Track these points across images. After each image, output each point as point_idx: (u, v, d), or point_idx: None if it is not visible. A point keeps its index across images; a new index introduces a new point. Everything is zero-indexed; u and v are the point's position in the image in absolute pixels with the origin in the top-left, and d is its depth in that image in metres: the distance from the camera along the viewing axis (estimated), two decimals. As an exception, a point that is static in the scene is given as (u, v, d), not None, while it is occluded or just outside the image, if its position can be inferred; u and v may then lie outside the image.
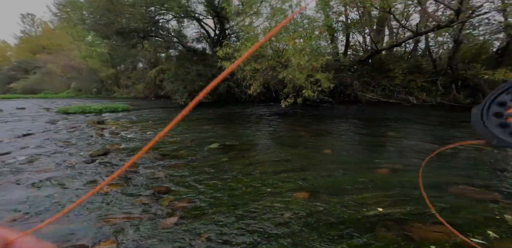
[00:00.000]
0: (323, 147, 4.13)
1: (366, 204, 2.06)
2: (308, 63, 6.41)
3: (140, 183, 2.61)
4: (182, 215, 1.94)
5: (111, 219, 1.83)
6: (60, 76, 31.27)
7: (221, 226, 1.83)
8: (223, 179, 2.79)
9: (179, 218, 1.90)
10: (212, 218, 1.93)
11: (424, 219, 1.76)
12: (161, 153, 3.67)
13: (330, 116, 7.82)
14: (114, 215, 1.88)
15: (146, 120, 7.29)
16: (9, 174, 2.79)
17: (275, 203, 2.24)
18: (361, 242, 1.58)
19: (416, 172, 2.82)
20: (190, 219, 1.92)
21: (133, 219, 1.84)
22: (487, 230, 1.67)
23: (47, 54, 33.24)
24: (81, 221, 1.81)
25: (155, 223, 1.82)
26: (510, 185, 2.43)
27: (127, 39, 12.03)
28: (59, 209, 1.97)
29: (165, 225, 1.81)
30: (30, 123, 6.62)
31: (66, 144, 4.16)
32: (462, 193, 2.24)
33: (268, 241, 1.69)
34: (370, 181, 2.56)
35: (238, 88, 12.31)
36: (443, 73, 10.16)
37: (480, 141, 0.29)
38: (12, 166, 3.04)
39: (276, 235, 1.75)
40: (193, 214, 1.99)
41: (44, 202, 2.14)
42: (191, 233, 1.74)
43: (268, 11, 10.60)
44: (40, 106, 12.87)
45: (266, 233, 1.77)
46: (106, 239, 1.55)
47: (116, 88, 24.29)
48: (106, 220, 1.82)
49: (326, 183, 2.64)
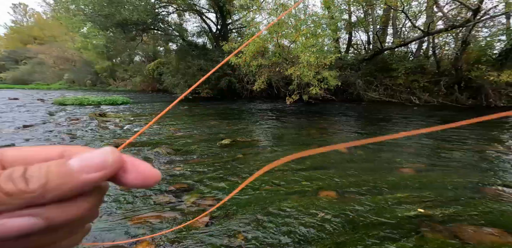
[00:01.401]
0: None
1: (403, 204, 1.99)
2: (318, 60, 6.31)
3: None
4: (212, 215, 1.83)
5: (141, 218, 1.71)
6: (52, 67, 30.35)
7: (255, 226, 1.74)
8: (242, 177, 2.69)
9: (210, 218, 1.79)
10: (244, 218, 1.83)
11: (471, 221, 1.71)
12: (173, 148, 3.53)
13: (335, 114, 7.77)
14: (143, 214, 1.76)
15: (149, 113, 7.09)
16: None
17: (304, 202, 2.15)
18: (411, 244, 1.51)
19: (441, 172, 2.77)
20: (221, 218, 1.81)
21: (163, 219, 1.73)
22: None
23: (38, 45, 32.19)
24: (111, 220, 1.68)
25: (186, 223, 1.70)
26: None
27: (127, 31, 11.67)
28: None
29: (197, 224, 1.69)
30: (27, 114, 6.32)
31: (72, 136, 3.96)
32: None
33: (309, 242, 1.60)
34: (399, 180, 2.50)
35: (239, 83, 12.14)
36: (447, 74, 10.23)
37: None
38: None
39: (316, 235, 1.66)
40: (223, 213, 1.88)
41: None
42: (227, 233, 1.63)
43: (271, 7, 10.42)
44: (33, 97, 12.42)
45: (304, 233, 1.68)
46: (142, 241, 1.43)
47: (112, 80, 23.72)
48: (136, 219, 1.70)
49: (351, 182, 2.56)
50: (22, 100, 10.55)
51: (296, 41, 7.46)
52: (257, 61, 7.42)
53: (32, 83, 28.58)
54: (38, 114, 6.37)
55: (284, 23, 7.31)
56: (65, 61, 28.88)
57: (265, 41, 7.49)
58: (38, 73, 30.28)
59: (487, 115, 0.19)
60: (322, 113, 8.15)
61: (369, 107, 9.54)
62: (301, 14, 8.00)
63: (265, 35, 7.81)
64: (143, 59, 22.16)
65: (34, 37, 34.88)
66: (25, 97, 12.32)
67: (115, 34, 12.25)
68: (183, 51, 13.18)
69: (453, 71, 9.70)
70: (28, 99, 11.22)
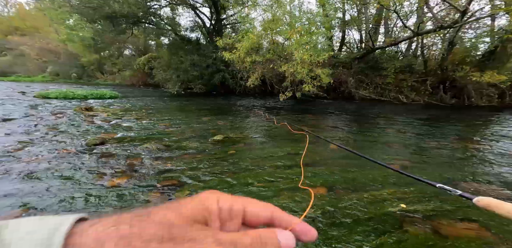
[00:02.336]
0: (328, 143, 4.13)
1: (387, 200, 2.07)
2: (312, 57, 6.34)
3: (149, 175, 2.45)
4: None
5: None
6: (35, 59, 28.98)
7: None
8: (235, 173, 2.69)
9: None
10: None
11: (450, 216, 1.79)
12: (164, 144, 3.48)
13: (327, 111, 7.87)
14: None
15: (139, 108, 6.92)
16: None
17: (295, 198, 2.19)
18: (394, 239, 1.57)
19: (425, 170, 2.89)
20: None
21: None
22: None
23: (20, 36, 30.59)
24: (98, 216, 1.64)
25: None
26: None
27: (116, 24, 11.25)
28: (68, 202, 1.78)
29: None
30: (7, 107, 6.04)
31: (56, 131, 3.82)
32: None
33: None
34: (385, 177, 2.58)
35: (233, 79, 12.05)
36: (433, 74, 10.54)
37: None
38: (1, 154, 2.73)
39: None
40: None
41: (48, 195, 1.93)
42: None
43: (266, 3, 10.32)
44: (13, 89, 11.85)
45: (294, 229, 1.71)
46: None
47: (100, 74, 22.95)
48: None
49: (341, 179, 2.62)
50: (1, 92, 10.05)
51: (290, 38, 7.44)
52: (251, 57, 7.37)
53: (13, 75, 27.22)
54: (19, 108, 6.10)
55: (279, 20, 7.27)
56: (48, 53, 27.61)
57: (260, 38, 7.44)
58: (19, 65, 28.85)
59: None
60: (315, 110, 8.24)
61: (360, 105, 9.73)
62: (296, 11, 7.98)
63: (260, 32, 7.75)
64: (133, 53, 21.52)
65: (15, 28, 33.06)
66: (4, 89, 11.73)
67: (103, 27, 11.79)
68: (176, 45, 12.89)
69: (439, 71, 10.01)
70: (7, 91, 10.70)
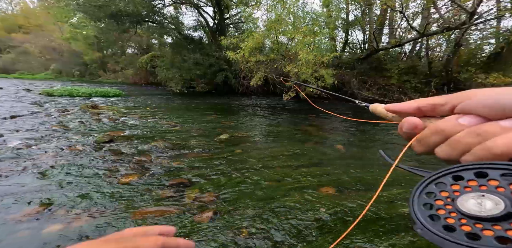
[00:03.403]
0: (334, 143, 4.13)
1: (398, 201, 2.06)
2: (316, 58, 6.34)
3: (159, 174, 2.45)
4: (215, 210, 1.84)
5: (145, 213, 1.69)
6: (38, 57, 29.07)
7: (259, 221, 1.75)
8: (242, 172, 2.69)
9: (213, 213, 1.79)
10: (247, 213, 1.84)
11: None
12: (171, 142, 3.49)
13: (331, 111, 7.85)
14: (146, 209, 1.74)
15: (143, 106, 6.93)
16: (10, 160, 2.50)
17: (304, 198, 2.18)
18: (408, 239, 1.57)
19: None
20: (224, 213, 1.82)
21: (167, 213, 1.71)
22: None
23: (23, 34, 30.71)
24: (115, 214, 1.65)
25: (190, 218, 1.70)
26: None
27: (120, 23, 11.26)
28: (83, 199, 1.79)
29: (201, 219, 1.70)
30: (13, 104, 6.06)
31: (63, 128, 3.83)
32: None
33: (312, 236, 1.64)
34: (394, 178, 2.57)
35: (235, 79, 12.03)
36: (437, 75, 10.50)
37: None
38: (11, 151, 2.74)
39: (319, 230, 1.69)
40: (226, 208, 1.89)
41: (64, 192, 1.94)
42: (231, 228, 1.64)
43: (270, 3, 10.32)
44: (18, 87, 11.89)
45: (307, 228, 1.71)
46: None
47: (102, 72, 22.98)
48: (140, 213, 1.68)
49: (349, 179, 2.62)
50: (6, 89, 10.09)
51: (294, 38, 7.44)
52: (255, 57, 7.36)
53: (16, 73, 27.30)
54: (25, 105, 6.12)
55: (283, 20, 7.26)
56: (52, 51, 27.68)
57: (264, 37, 7.43)
58: (23, 63, 28.92)
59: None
60: (318, 110, 8.22)
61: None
62: (300, 11, 7.96)
63: (264, 31, 7.74)
64: (136, 51, 21.54)
65: (19, 26, 33.18)
66: (9, 86, 11.77)
67: (107, 26, 11.79)
68: (179, 44, 12.87)
69: (444, 72, 9.96)
70: (13, 88, 10.74)
